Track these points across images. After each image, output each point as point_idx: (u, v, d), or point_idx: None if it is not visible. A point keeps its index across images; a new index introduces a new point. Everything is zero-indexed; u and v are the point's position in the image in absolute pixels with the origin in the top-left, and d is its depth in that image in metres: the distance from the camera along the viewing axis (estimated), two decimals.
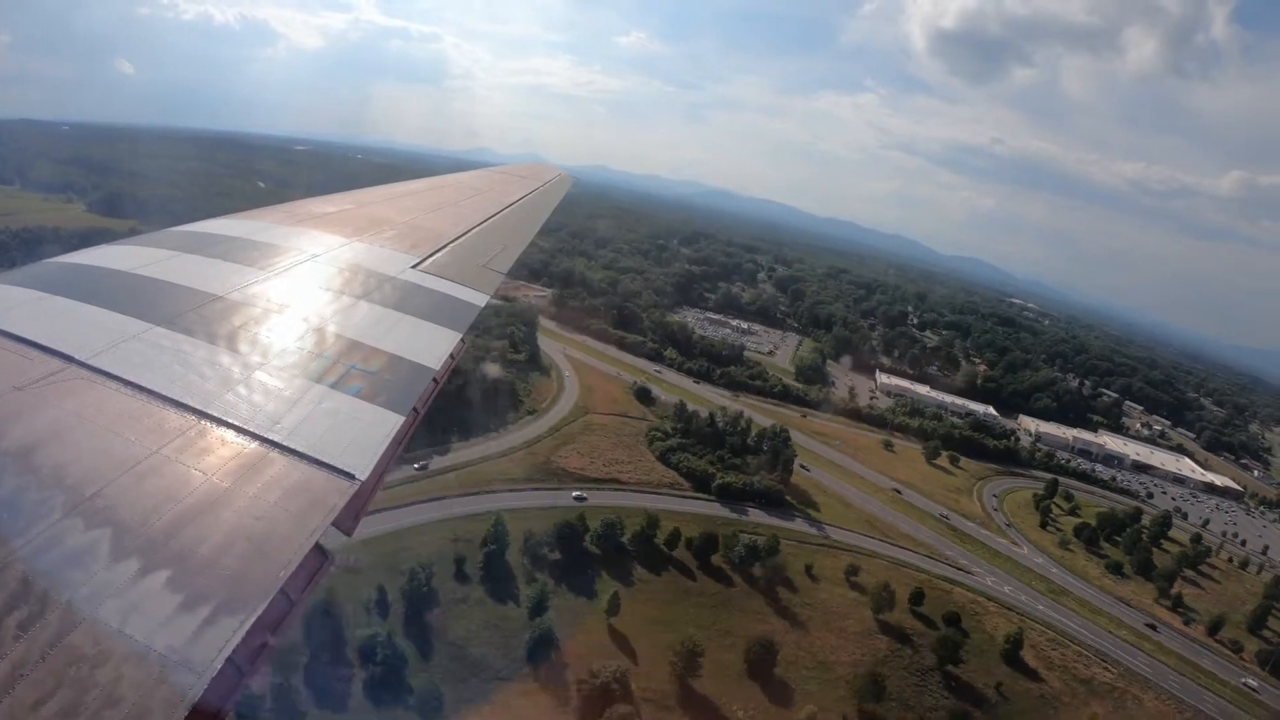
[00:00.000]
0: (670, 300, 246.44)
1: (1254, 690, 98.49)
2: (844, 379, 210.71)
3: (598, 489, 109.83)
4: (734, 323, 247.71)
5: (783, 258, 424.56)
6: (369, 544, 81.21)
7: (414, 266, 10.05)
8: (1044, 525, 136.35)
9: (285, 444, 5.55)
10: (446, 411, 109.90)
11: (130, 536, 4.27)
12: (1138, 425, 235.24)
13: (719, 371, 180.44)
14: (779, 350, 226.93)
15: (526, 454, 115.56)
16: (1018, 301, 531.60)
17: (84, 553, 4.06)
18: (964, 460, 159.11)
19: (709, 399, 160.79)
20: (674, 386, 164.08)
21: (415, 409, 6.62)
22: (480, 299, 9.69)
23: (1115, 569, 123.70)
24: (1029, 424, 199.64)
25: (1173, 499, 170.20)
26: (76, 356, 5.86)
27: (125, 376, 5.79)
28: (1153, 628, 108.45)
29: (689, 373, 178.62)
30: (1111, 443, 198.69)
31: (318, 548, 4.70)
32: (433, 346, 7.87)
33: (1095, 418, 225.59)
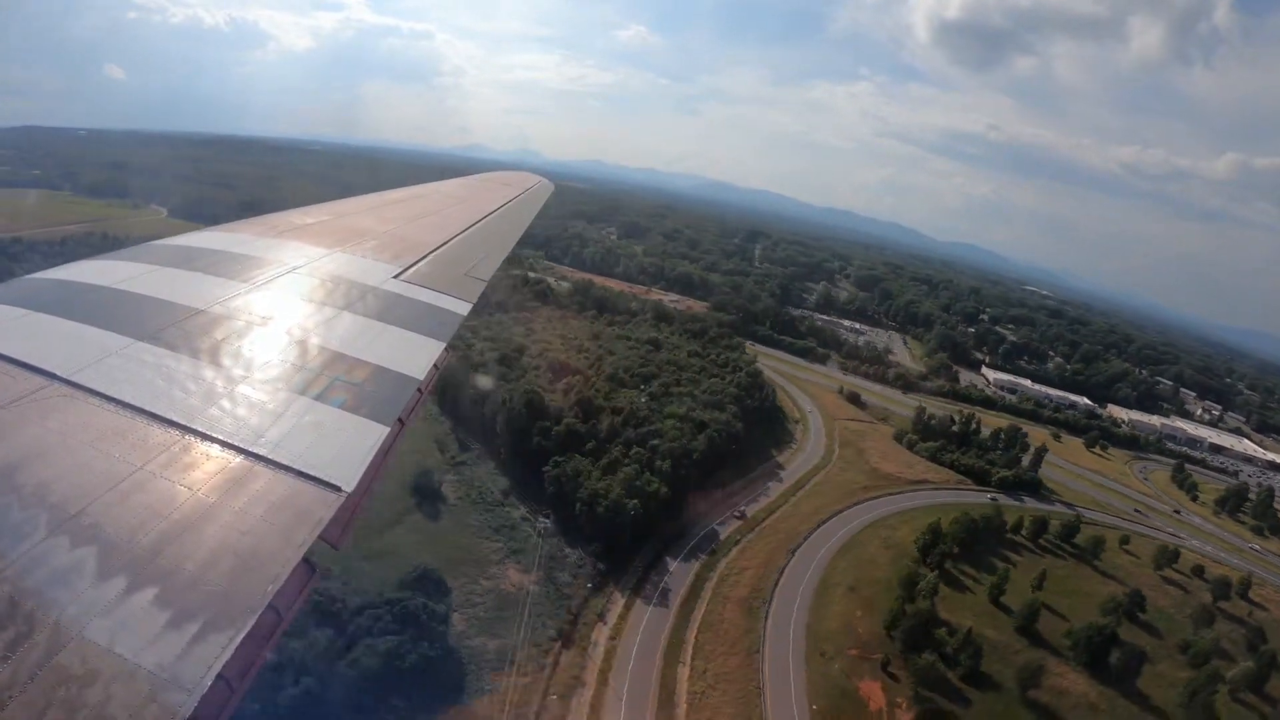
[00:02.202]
0: (779, 302, 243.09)
1: None
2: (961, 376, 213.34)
3: (916, 490, 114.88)
4: (845, 323, 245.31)
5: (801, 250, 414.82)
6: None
7: (396, 276, 10.02)
8: (1194, 499, 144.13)
9: (270, 457, 5.54)
10: (746, 440, 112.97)
11: (116, 554, 4.25)
12: (1199, 411, 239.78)
13: (890, 373, 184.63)
14: (896, 350, 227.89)
15: (840, 464, 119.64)
16: (1033, 289, 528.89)
17: (70, 571, 4.04)
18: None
19: (898, 399, 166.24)
20: (860, 388, 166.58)
21: (400, 419, 6.62)
22: (463, 307, 9.67)
23: (1259, 531, 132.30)
24: (1119, 413, 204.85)
25: (1248, 476, 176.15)
26: (58, 373, 5.82)
27: (108, 393, 5.76)
28: None
29: (864, 375, 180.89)
30: (1189, 428, 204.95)
31: (305, 561, 4.70)
32: (417, 356, 7.86)
33: (1164, 404, 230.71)
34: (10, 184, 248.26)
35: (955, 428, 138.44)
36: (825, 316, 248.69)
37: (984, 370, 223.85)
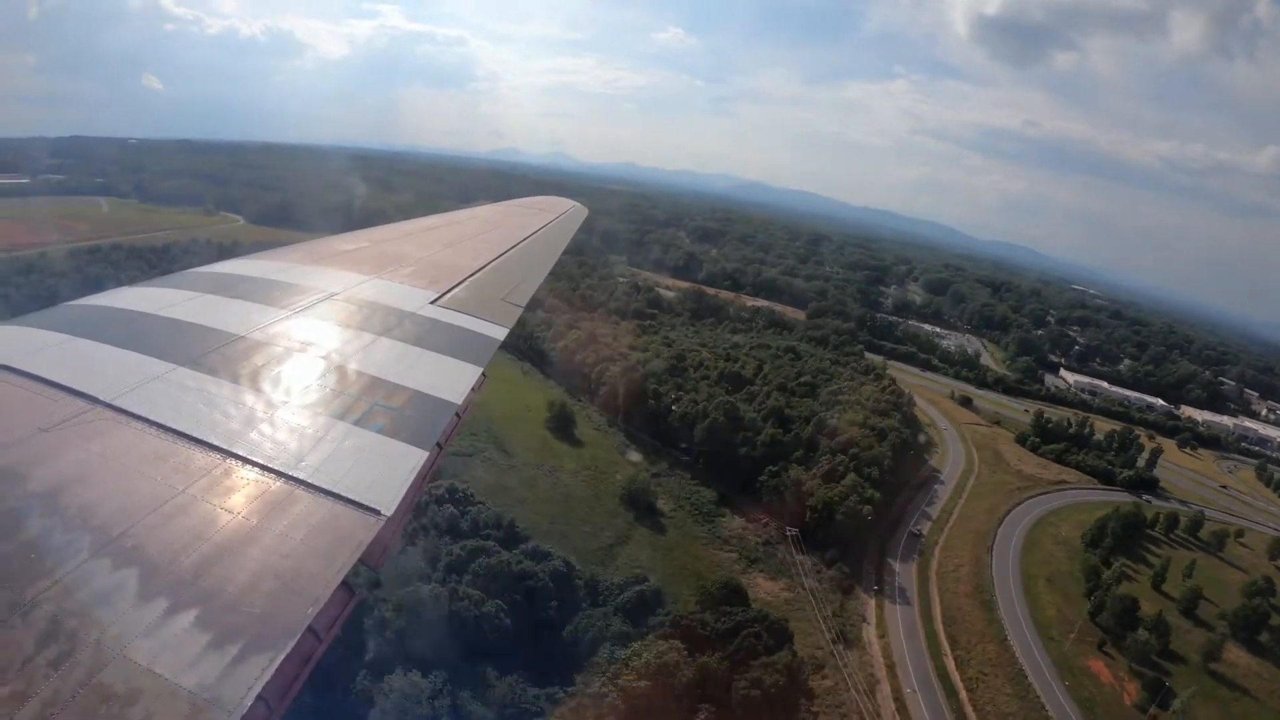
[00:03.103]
0: (859, 306, 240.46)
1: None
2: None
3: (1059, 490, 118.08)
4: (926, 327, 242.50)
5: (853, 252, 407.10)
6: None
7: (433, 302, 10.08)
8: None
9: (310, 481, 5.52)
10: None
11: (158, 575, 4.24)
12: (1264, 411, 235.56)
13: (989, 376, 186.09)
14: (979, 354, 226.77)
15: (985, 467, 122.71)
16: (1080, 288, 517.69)
17: (112, 592, 4.04)
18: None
19: (1002, 402, 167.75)
20: (966, 393, 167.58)
21: (439, 444, 6.59)
22: (500, 332, 9.69)
23: None
24: (1193, 414, 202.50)
25: None
26: (101, 398, 5.88)
27: (150, 417, 5.80)
28: None
29: (964, 380, 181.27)
30: (1259, 428, 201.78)
31: (345, 584, 4.65)
32: (454, 381, 7.85)
33: (1230, 405, 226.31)
34: (75, 191, 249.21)
35: (1071, 430, 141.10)
36: (903, 320, 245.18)
37: (1063, 373, 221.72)
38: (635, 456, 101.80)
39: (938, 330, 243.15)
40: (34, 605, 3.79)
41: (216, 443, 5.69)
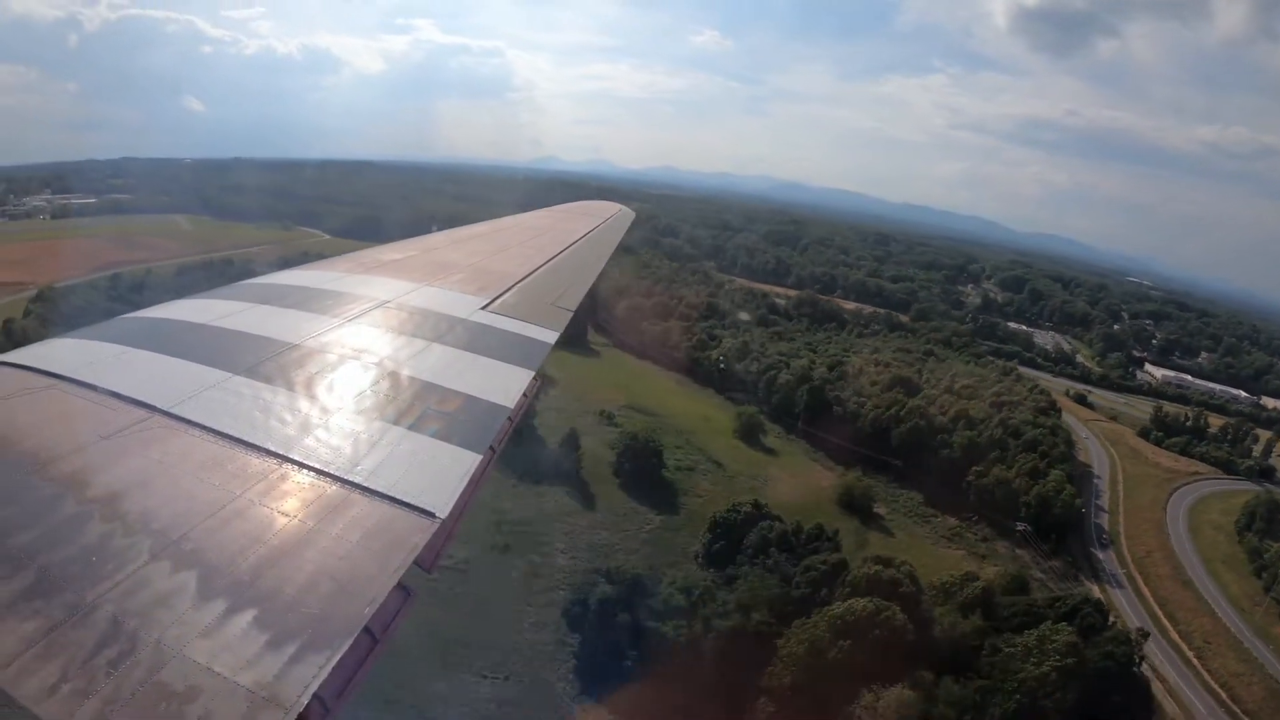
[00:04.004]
0: (946, 305, 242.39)
1: None
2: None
3: (1196, 480, 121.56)
4: (1010, 325, 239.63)
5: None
6: None
7: (483, 308, 10.14)
8: None
9: (366, 485, 5.52)
10: None
11: (217, 577, 4.26)
12: None
13: (1093, 374, 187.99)
14: (1076, 351, 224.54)
15: (1126, 460, 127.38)
16: (1134, 280, 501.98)
17: (172, 594, 4.06)
18: None
19: (1110, 399, 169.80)
20: (1081, 389, 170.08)
21: (491, 447, 6.57)
22: (550, 336, 9.69)
23: None
24: (1277, 404, 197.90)
25: None
26: (159, 406, 5.97)
27: (207, 424, 5.87)
28: None
29: (1070, 377, 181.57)
30: None
31: (400, 585, 4.61)
32: (506, 385, 7.85)
33: None
34: (141, 210, 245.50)
35: (1189, 424, 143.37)
36: (1002, 321, 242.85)
37: (1148, 367, 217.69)
38: (824, 462, 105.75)
39: (1023, 328, 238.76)
40: (95, 607, 3.82)
41: (273, 448, 5.73)
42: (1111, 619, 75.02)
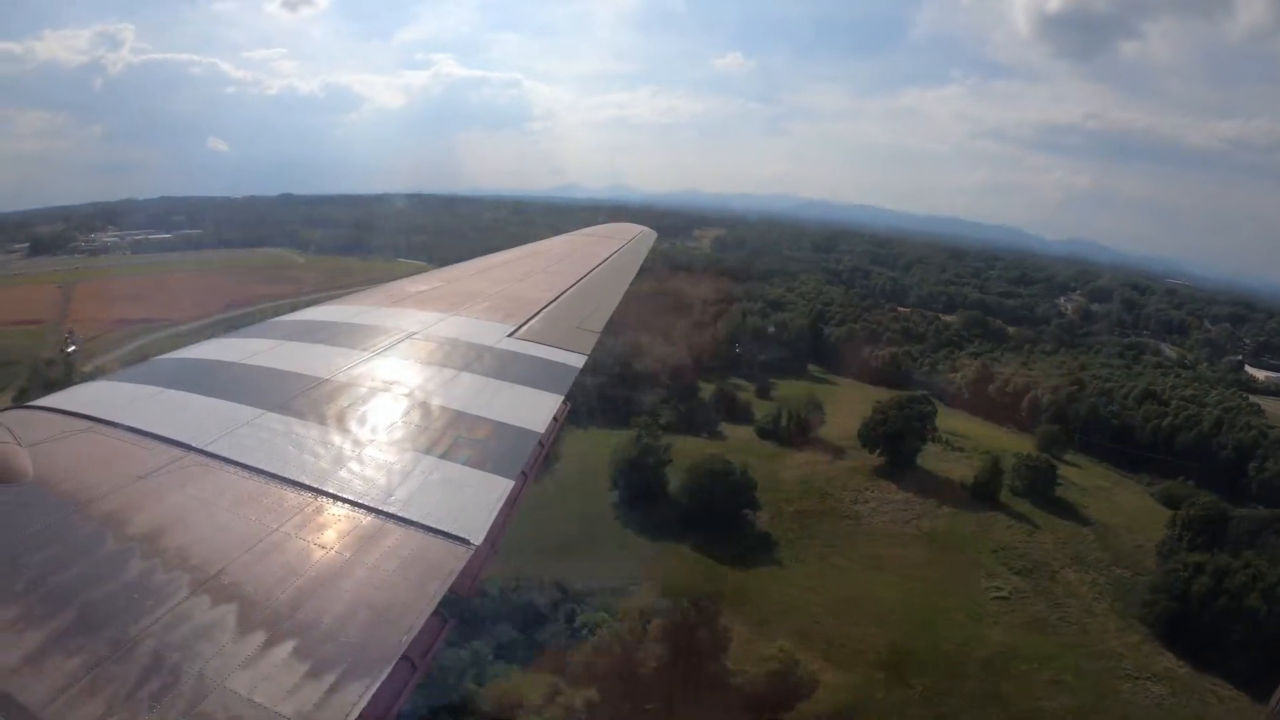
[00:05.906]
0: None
1: None
2: None
3: None
4: (1126, 336, 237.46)
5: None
6: None
7: (510, 334, 10.20)
8: None
9: (400, 515, 5.54)
10: None
11: (255, 610, 4.26)
12: None
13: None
14: (1198, 359, 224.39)
15: None
16: (1174, 282, 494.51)
17: (212, 627, 4.06)
18: None
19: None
20: None
21: (524, 472, 6.56)
22: (578, 360, 9.72)
23: None
24: None
25: None
26: (194, 444, 6.03)
27: (241, 460, 5.92)
28: None
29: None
30: None
31: (437, 612, 4.60)
32: (536, 410, 7.87)
33: None
34: (213, 246, 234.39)
35: None
36: (1132, 333, 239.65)
37: (1248, 369, 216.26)
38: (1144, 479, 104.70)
39: (1134, 338, 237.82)
40: (137, 642, 3.83)
41: (307, 482, 5.76)
42: None
